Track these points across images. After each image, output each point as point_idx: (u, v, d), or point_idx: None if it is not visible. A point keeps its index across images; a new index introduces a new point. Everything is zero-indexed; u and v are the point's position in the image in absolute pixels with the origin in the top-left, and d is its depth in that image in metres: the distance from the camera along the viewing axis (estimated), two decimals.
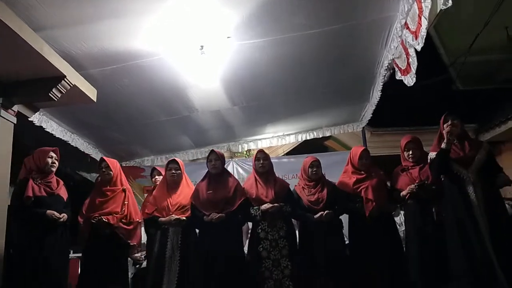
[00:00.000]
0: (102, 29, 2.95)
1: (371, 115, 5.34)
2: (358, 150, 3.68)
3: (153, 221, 3.62)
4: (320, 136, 5.89)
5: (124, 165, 5.74)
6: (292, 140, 5.96)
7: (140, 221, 3.77)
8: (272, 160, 3.80)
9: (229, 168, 5.40)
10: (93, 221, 3.41)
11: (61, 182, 3.49)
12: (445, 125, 3.09)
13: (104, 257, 3.40)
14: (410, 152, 3.45)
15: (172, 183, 3.75)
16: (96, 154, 5.12)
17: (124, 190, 3.71)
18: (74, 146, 4.62)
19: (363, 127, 5.86)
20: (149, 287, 3.44)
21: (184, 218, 3.55)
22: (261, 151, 3.77)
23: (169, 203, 3.61)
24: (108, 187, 3.65)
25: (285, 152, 8.57)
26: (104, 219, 3.42)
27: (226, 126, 5.13)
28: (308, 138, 5.86)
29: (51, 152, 3.40)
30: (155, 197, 3.73)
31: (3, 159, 2.83)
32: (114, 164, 3.74)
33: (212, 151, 3.76)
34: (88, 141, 4.90)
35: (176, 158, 3.89)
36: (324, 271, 3.33)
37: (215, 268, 3.32)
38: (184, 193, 3.71)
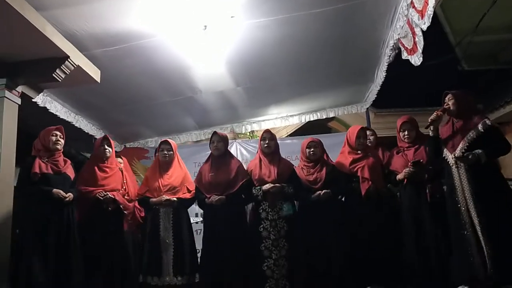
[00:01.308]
0: (104, 9, 2.91)
1: (375, 96, 5.30)
2: (355, 129, 3.62)
3: (144, 202, 3.67)
4: (324, 117, 5.86)
5: (128, 146, 5.77)
6: (296, 121, 5.94)
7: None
8: None
9: (233, 149, 5.39)
10: (100, 197, 3.43)
11: (68, 162, 3.50)
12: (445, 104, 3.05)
13: (108, 229, 3.43)
14: (406, 133, 3.40)
15: (164, 164, 3.76)
16: (100, 135, 5.13)
17: (120, 170, 3.75)
18: (78, 127, 4.63)
19: (367, 108, 5.82)
20: (147, 266, 3.47)
21: (175, 199, 3.58)
22: (267, 131, 3.75)
23: (160, 184, 3.64)
24: (106, 164, 3.66)
25: (289, 134, 8.59)
26: (110, 195, 3.46)
27: (229, 107, 5.12)
28: (311, 119, 5.83)
29: (54, 131, 3.39)
30: (147, 178, 3.78)
31: (9, 139, 2.86)
32: (113, 144, 3.78)
33: (215, 132, 3.76)
34: (92, 122, 4.90)
35: (168, 139, 3.87)
36: (321, 251, 3.32)
37: (217, 249, 3.37)
38: (176, 174, 3.73)
